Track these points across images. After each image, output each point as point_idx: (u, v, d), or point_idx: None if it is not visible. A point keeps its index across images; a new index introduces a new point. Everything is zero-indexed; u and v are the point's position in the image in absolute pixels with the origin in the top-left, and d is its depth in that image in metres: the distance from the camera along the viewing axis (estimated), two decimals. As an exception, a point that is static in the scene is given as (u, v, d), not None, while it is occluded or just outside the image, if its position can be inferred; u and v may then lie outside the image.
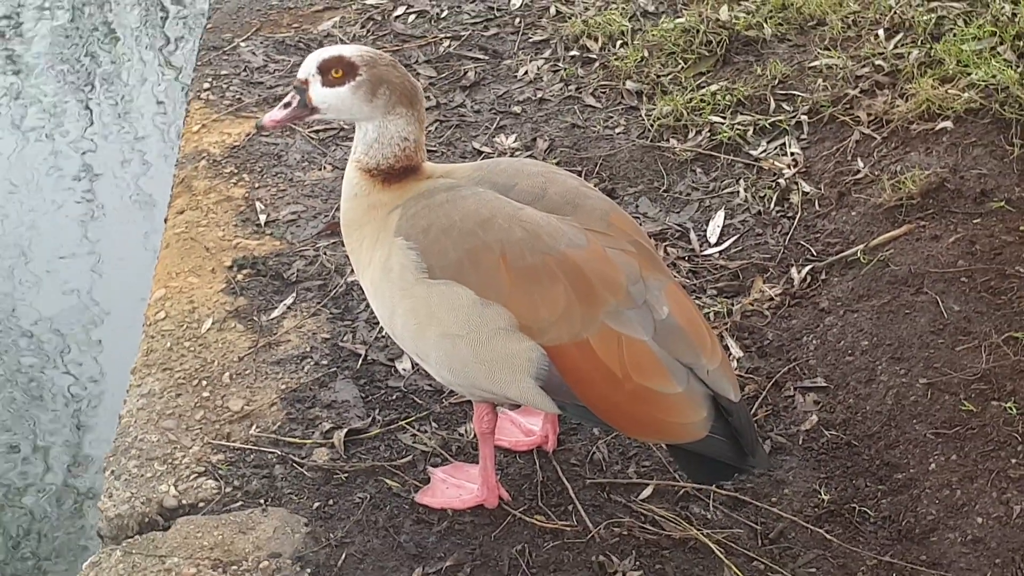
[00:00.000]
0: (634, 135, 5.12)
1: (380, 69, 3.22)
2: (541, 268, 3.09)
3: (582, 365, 3.08)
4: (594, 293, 3.09)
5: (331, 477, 3.70)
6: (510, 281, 3.09)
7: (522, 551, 3.46)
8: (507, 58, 5.69)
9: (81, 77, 6.59)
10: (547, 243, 3.11)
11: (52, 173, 5.86)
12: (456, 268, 3.12)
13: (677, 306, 3.17)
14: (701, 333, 3.17)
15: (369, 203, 3.31)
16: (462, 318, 3.12)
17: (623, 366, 3.07)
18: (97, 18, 7.09)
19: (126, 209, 5.61)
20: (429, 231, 3.17)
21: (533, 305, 3.08)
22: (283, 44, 5.85)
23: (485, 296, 3.10)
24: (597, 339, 3.07)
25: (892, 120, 4.83)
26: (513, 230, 3.12)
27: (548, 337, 3.09)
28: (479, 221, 3.14)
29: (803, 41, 5.46)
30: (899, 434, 3.73)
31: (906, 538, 3.47)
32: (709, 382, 3.13)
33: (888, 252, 4.30)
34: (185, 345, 4.18)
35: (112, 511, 3.61)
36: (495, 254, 3.10)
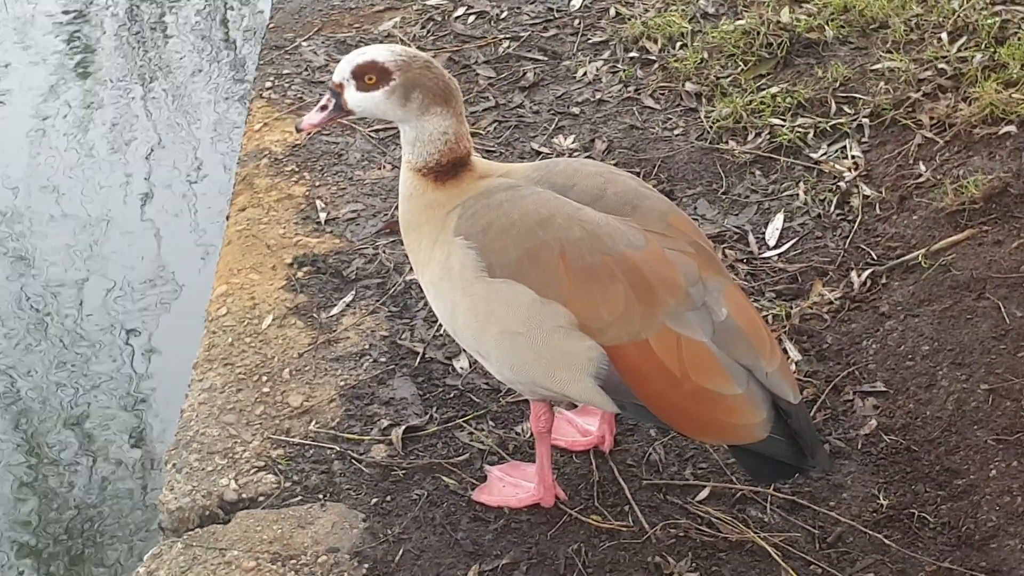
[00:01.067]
0: (693, 137, 5.11)
1: (413, 73, 3.22)
2: (601, 268, 3.10)
3: (641, 365, 3.08)
4: (653, 293, 3.09)
5: (389, 474, 3.72)
6: (570, 280, 3.10)
7: (578, 550, 3.47)
8: (566, 59, 5.70)
9: (144, 75, 6.67)
10: (606, 243, 3.12)
11: (115, 170, 5.93)
12: (516, 266, 3.13)
13: (736, 308, 3.17)
14: (760, 335, 3.17)
15: (425, 203, 3.32)
16: (522, 316, 3.14)
17: (682, 366, 3.07)
18: (160, 16, 7.17)
19: (188, 206, 5.68)
20: (489, 230, 3.18)
21: (593, 304, 3.09)
22: (344, 44, 5.89)
23: (545, 294, 3.11)
24: (656, 339, 3.08)
25: (955, 124, 4.79)
26: (572, 229, 3.13)
27: (607, 336, 3.09)
28: (539, 220, 3.15)
29: (865, 44, 5.42)
30: (959, 440, 3.70)
31: (965, 544, 3.44)
32: (768, 384, 3.13)
33: (950, 257, 4.27)
34: (246, 341, 4.22)
35: (173, 504, 3.66)
36: (555, 253, 3.11)
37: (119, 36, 6.99)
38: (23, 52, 6.82)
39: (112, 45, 6.91)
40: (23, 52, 6.82)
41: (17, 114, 6.32)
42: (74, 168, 5.93)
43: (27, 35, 6.97)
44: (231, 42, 6.99)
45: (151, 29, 7.07)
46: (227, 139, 6.16)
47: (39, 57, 6.78)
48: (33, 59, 6.77)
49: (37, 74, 6.66)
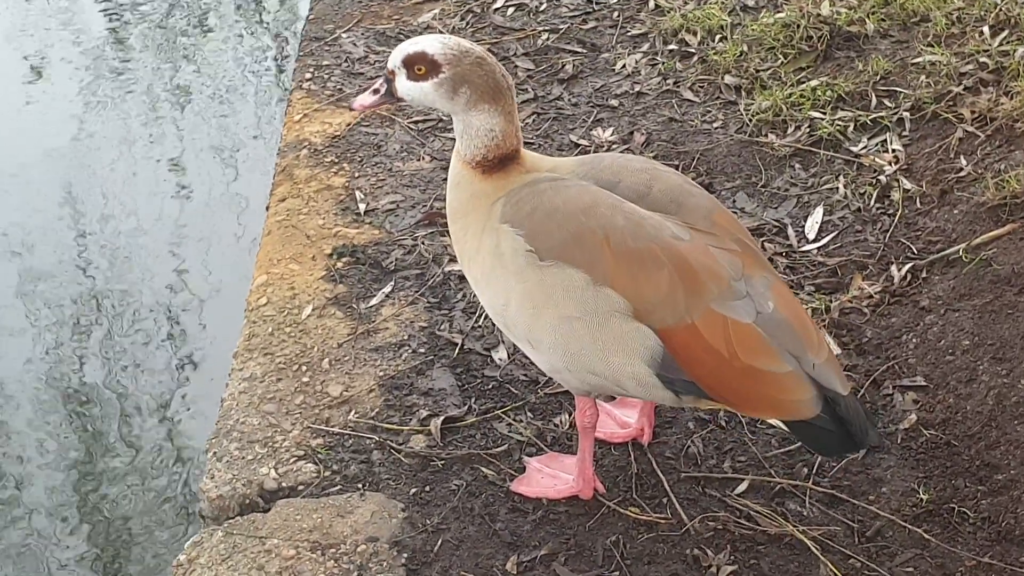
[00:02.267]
0: (732, 130, 5.10)
1: (463, 68, 3.24)
2: (645, 253, 3.11)
3: (690, 345, 3.10)
4: (698, 281, 3.10)
5: (428, 464, 3.74)
6: (614, 263, 3.11)
7: (616, 542, 3.48)
8: (605, 51, 5.69)
9: (182, 66, 6.71)
10: (650, 232, 3.14)
11: (156, 160, 5.98)
12: (561, 249, 3.15)
13: (783, 301, 3.17)
14: (807, 328, 3.17)
15: (471, 192, 3.35)
16: (578, 300, 3.15)
17: (730, 346, 3.08)
18: (201, 7, 7.21)
19: (228, 196, 5.71)
20: (534, 215, 3.20)
21: (638, 287, 3.10)
22: (384, 35, 5.91)
23: (594, 276, 3.12)
24: (703, 321, 3.09)
25: (996, 118, 4.76)
26: (616, 218, 3.15)
27: (654, 319, 3.11)
28: (582, 207, 3.17)
29: (906, 37, 5.40)
30: (1000, 435, 3.68)
31: (1006, 539, 3.43)
32: (816, 376, 3.12)
33: (991, 251, 4.24)
34: (286, 331, 4.25)
35: (214, 492, 3.68)
36: (599, 237, 3.13)
37: (160, 27, 7.03)
38: (64, 41, 6.87)
39: (153, 35, 6.95)
40: (64, 41, 6.87)
41: (58, 103, 6.37)
42: (114, 158, 5.98)
43: (69, 25, 7.02)
44: (271, 33, 7.02)
45: (192, 20, 7.11)
46: (267, 130, 6.19)
47: (80, 47, 6.83)
48: (74, 48, 6.82)
49: (78, 63, 6.71)
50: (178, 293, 5.14)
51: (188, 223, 5.55)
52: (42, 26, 7.02)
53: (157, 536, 4.20)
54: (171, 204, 5.66)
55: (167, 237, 5.47)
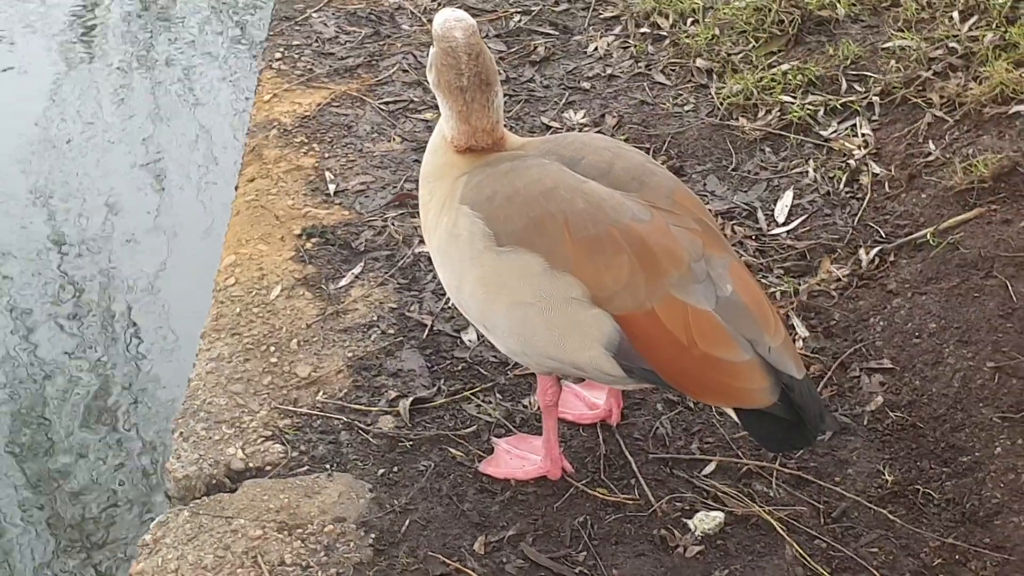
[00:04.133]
0: (703, 113, 5.11)
1: (437, 49, 3.29)
2: (605, 238, 3.11)
3: (650, 332, 3.10)
4: (658, 264, 3.10)
5: (396, 445, 3.74)
6: (574, 249, 3.11)
7: (584, 523, 3.49)
8: (577, 34, 5.69)
9: (151, 46, 6.66)
10: (610, 215, 3.13)
11: (124, 140, 5.93)
12: (522, 234, 3.15)
13: (740, 283, 3.17)
14: (764, 311, 3.17)
15: (445, 161, 3.39)
16: (533, 285, 3.15)
17: (689, 334, 3.08)
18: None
19: (197, 176, 5.68)
20: (494, 198, 3.20)
21: (598, 273, 3.10)
22: (354, 15, 5.89)
23: (551, 263, 3.12)
24: (662, 308, 3.09)
25: (965, 103, 4.78)
26: (575, 201, 3.14)
27: (614, 305, 3.11)
28: (542, 191, 3.17)
29: (876, 22, 5.41)
30: (965, 417, 3.71)
31: (970, 521, 3.45)
32: (771, 360, 3.13)
33: (958, 235, 4.27)
34: (254, 311, 4.23)
35: (180, 472, 3.67)
36: (559, 223, 3.13)
37: (129, 7, 6.98)
38: (30, 24, 6.81)
39: (122, 16, 6.90)
40: (30, 24, 6.81)
41: (26, 86, 6.31)
42: (82, 139, 5.93)
43: (34, 6, 6.96)
44: (241, 13, 6.98)
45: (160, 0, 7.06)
46: (236, 110, 6.16)
47: (47, 29, 6.78)
48: (41, 31, 6.76)
49: (45, 46, 6.65)
50: (146, 273, 5.10)
51: (156, 203, 5.51)
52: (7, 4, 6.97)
53: (123, 516, 4.18)
54: (139, 184, 5.62)
55: (134, 217, 5.43)
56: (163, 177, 5.69)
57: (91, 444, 4.42)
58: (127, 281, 5.09)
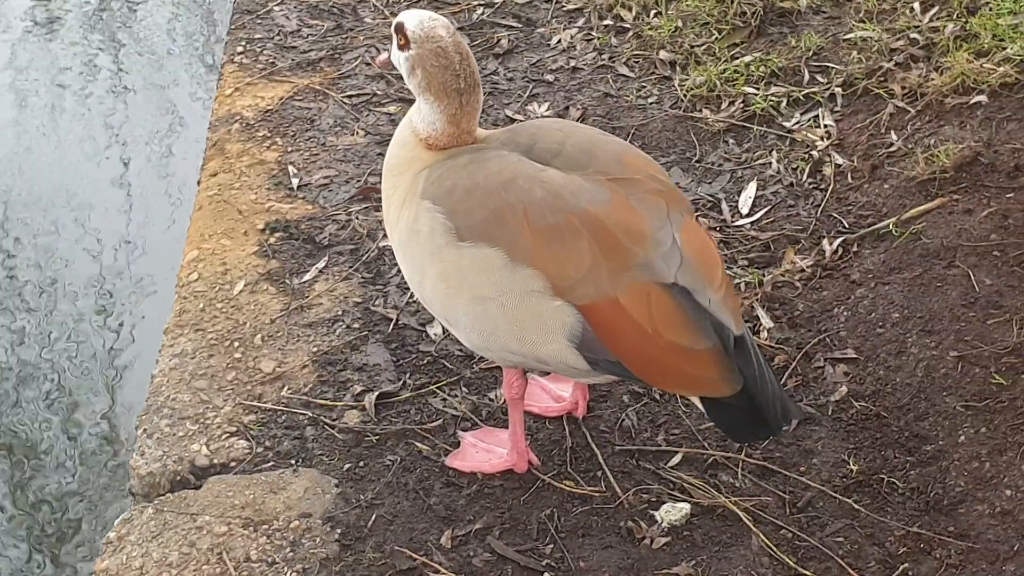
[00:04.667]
0: (667, 105, 5.11)
1: (423, 51, 3.26)
2: (564, 226, 3.11)
3: (614, 321, 3.10)
4: (619, 247, 3.10)
5: (362, 439, 3.73)
6: (534, 240, 3.11)
7: (551, 515, 3.48)
8: (540, 26, 5.68)
9: (113, 40, 6.61)
10: (569, 201, 3.13)
11: (85, 135, 5.89)
12: (483, 227, 3.15)
13: (690, 238, 3.18)
14: (710, 265, 3.17)
15: (412, 155, 3.38)
16: (492, 280, 3.15)
17: (653, 323, 3.08)
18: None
19: (159, 171, 5.64)
20: (454, 192, 3.20)
21: (559, 263, 3.10)
22: (317, 8, 5.86)
23: (512, 255, 3.12)
24: (627, 297, 3.09)
25: (926, 93, 4.81)
26: (534, 191, 3.14)
27: (577, 295, 3.10)
28: (501, 182, 3.17)
29: (838, 13, 5.43)
30: (929, 406, 3.73)
31: (934, 509, 3.47)
32: (710, 311, 3.13)
33: (920, 225, 4.29)
34: (217, 306, 4.21)
35: (144, 469, 3.65)
36: (518, 214, 3.13)
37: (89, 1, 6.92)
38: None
39: (80, 9, 6.84)
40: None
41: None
42: (43, 134, 5.89)
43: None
44: (201, 6, 6.93)
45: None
46: (198, 104, 6.12)
47: (5, 23, 6.71)
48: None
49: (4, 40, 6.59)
50: (108, 268, 5.07)
51: (118, 198, 5.48)
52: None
53: (87, 513, 4.16)
54: (99, 179, 5.58)
55: (97, 211, 5.39)
56: (124, 172, 5.65)
57: (54, 441, 4.39)
58: (88, 277, 5.05)
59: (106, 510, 4.13)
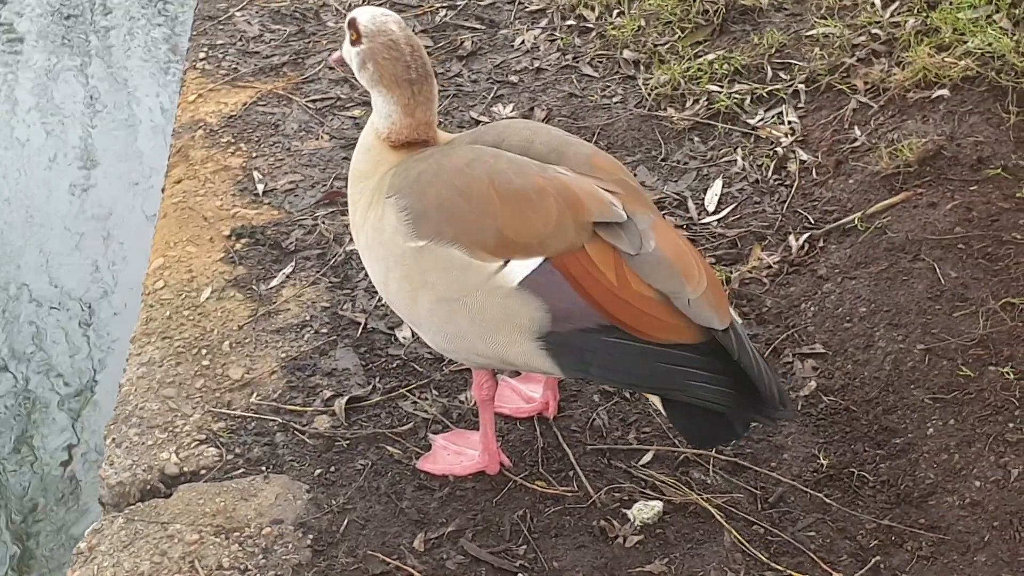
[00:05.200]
0: (631, 104, 5.12)
1: (374, 45, 3.29)
2: (530, 187, 3.14)
3: (587, 268, 3.11)
4: (582, 203, 3.13)
5: (332, 444, 3.71)
6: (502, 204, 3.13)
7: (523, 516, 3.48)
8: (503, 27, 5.68)
9: (74, 48, 6.57)
10: (534, 169, 3.19)
11: (46, 143, 5.85)
12: (448, 204, 3.15)
13: (662, 237, 3.18)
14: (687, 262, 3.17)
15: (378, 159, 3.38)
16: (456, 280, 3.15)
17: (620, 274, 3.11)
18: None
19: (122, 179, 5.61)
20: (420, 178, 3.23)
21: (528, 222, 3.12)
22: (279, 13, 5.84)
23: (481, 224, 3.13)
24: (592, 247, 3.12)
25: (889, 88, 4.83)
26: (499, 163, 3.19)
27: (549, 249, 3.12)
28: (466, 161, 3.21)
29: (799, 10, 5.45)
30: (897, 399, 3.74)
31: (905, 502, 3.49)
32: (691, 314, 3.13)
33: (885, 219, 4.31)
34: (184, 314, 4.18)
35: (114, 478, 3.62)
36: (484, 184, 3.15)
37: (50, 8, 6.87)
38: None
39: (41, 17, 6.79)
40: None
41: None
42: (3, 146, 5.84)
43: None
44: (163, 13, 6.90)
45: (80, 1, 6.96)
46: (161, 111, 6.09)
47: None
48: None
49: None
50: (73, 278, 5.04)
51: (82, 206, 5.44)
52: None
53: (57, 524, 4.13)
54: (64, 188, 5.55)
55: (61, 221, 5.35)
56: (87, 180, 5.61)
57: (22, 452, 4.36)
58: (53, 287, 5.01)
59: (76, 521, 4.10)
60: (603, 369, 3.20)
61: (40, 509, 4.16)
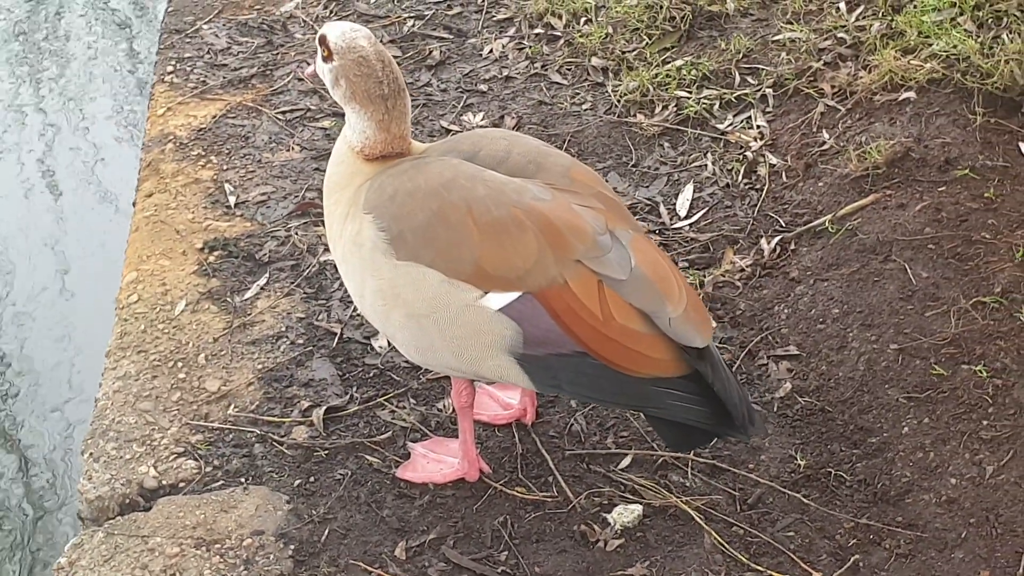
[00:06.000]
0: (601, 111, 5.14)
1: (345, 62, 3.30)
2: (508, 219, 3.13)
3: (570, 303, 3.11)
4: (563, 238, 3.12)
5: (311, 455, 3.71)
6: (480, 235, 3.12)
7: (504, 522, 3.49)
8: (472, 36, 5.70)
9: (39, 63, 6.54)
10: (512, 197, 3.16)
11: (15, 160, 5.82)
12: (425, 229, 3.15)
13: (642, 255, 3.19)
14: (668, 281, 3.18)
15: (352, 170, 3.39)
16: (427, 297, 3.16)
17: (605, 307, 3.11)
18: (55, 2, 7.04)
19: (93, 194, 5.58)
20: (396, 196, 3.22)
21: (506, 256, 3.11)
22: (246, 26, 5.83)
23: (458, 254, 3.13)
24: (575, 281, 3.11)
25: (856, 91, 4.88)
26: (476, 188, 3.17)
27: (528, 284, 3.12)
28: (442, 182, 3.19)
29: (765, 15, 5.49)
30: (872, 399, 3.78)
31: (882, 500, 3.52)
32: (672, 333, 3.15)
33: (856, 221, 4.35)
34: (159, 327, 4.17)
35: (92, 493, 3.61)
36: (461, 211, 3.14)
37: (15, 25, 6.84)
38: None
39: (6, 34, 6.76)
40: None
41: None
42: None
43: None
44: (128, 27, 6.87)
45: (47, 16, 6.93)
46: (131, 125, 6.07)
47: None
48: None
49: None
50: (46, 293, 5.01)
51: (53, 222, 5.42)
52: None
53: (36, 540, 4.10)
54: (35, 204, 5.52)
55: (32, 238, 5.33)
56: (58, 197, 5.58)
57: None
58: (26, 303, 4.99)
59: (55, 535, 4.08)
60: (578, 387, 3.23)
61: (18, 524, 4.14)
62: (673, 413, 3.21)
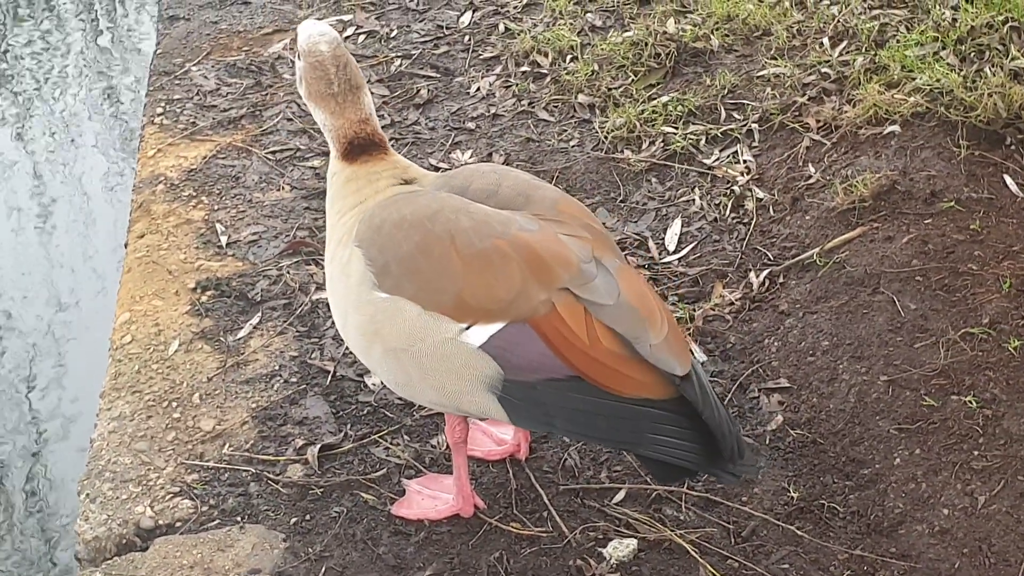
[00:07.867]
0: (588, 147, 5.19)
1: (305, 63, 3.43)
2: (492, 251, 3.16)
3: (560, 328, 3.14)
4: (548, 268, 3.16)
5: (307, 493, 3.72)
6: (463, 267, 3.16)
7: (500, 558, 3.50)
8: (459, 75, 5.74)
9: (29, 105, 6.56)
10: (496, 229, 3.20)
11: (7, 202, 5.83)
12: (409, 260, 3.19)
13: (627, 284, 3.23)
14: (650, 309, 3.21)
15: (344, 178, 3.46)
16: (405, 331, 3.19)
17: (590, 333, 3.14)
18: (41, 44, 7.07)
19: (85, 235, 5.60)
20: (382, 228, 3.27)
21: (490, 288, 3.14)
22: (234, 67, 5.87)
23: (440, 286, 3.16)
24: (563, 306, 3.15)
25: (841, 126, 4.93)
26: (461, 220, 3.21)
27: (512, 315, 3.15)
28: (428, 215, 3.24)
29: (750, 51, 5.55)
30: (863, 431, 3.81)
31: (875, 531, 3.54)
32: (652, 359, 3.17)
33: (843, 254, 4.39)
34: (153, 368, 4.19)
35: (89, 534, 3.62)
36: (445, 243, 3.18)
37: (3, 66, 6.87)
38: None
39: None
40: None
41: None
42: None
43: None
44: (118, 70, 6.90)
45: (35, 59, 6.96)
46: (122, 167, 6.08)
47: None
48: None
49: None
50: (39, 335, 5.02)
51: (46, 264, 5.43)
52: None
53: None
54: (26, 246, 5.53)
55: (24, 279, 5.34)
56: (50, 239, 5.60)
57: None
58: (19, 345, 4.99)
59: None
60: (567, 421, 3.23)
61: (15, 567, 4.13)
62: (663, 452, 3.23)
